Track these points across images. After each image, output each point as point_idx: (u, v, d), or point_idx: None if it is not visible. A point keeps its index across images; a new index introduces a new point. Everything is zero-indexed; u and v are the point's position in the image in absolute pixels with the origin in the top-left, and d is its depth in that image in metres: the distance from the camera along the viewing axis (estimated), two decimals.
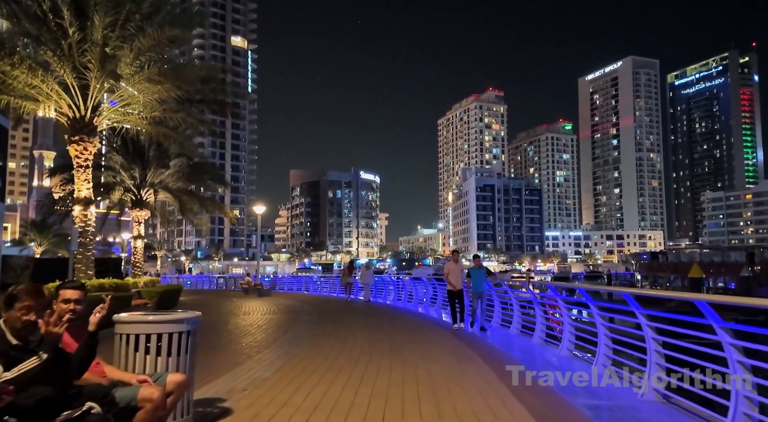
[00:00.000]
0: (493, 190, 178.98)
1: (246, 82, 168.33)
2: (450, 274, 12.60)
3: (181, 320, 4.38)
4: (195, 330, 4.55)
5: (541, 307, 10.03)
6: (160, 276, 47.40)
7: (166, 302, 18.77)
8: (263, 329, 12.74)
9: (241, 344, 10.13)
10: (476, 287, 12.22)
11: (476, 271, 12.38)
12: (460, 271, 12.73)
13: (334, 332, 11.84)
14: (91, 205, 15.54)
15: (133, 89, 15.38)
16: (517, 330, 11.43)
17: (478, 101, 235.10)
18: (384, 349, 9.19)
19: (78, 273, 15.30)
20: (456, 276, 12.54)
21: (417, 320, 15.24)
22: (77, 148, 15.27)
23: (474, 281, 12.24)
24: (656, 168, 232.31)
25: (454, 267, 12.77)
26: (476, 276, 12.24)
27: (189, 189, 29.31)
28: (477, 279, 12.21)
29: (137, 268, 28.55)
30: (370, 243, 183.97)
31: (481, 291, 12.23)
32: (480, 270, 12.46)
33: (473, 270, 12.49)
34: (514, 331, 11.49)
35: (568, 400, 5.53)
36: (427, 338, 10.90)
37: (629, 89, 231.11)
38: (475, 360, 8.07)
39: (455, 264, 12.87)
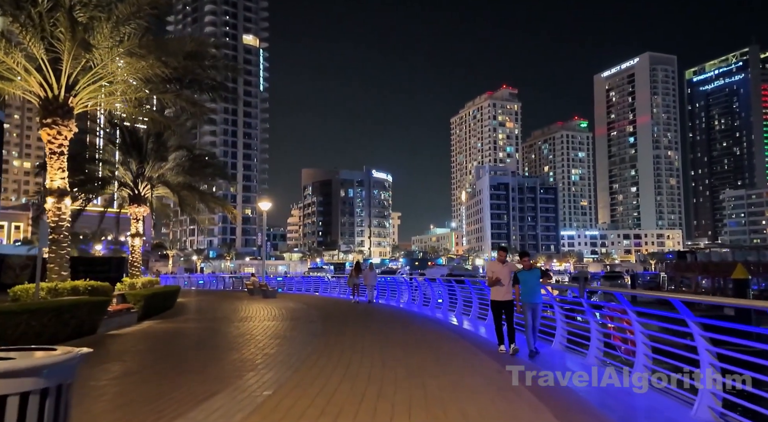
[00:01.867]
0: (507, 188, 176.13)
1: (258, 80, 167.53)
2: (495, 278, 9.15)
3: (34, 369, 2.36)
4: (68, 384, 2.54)
5: (594, 316, 7.99)
6: (160, 275, 45.73)
7: (157, 306, 16.92)
8: (256, 341, 10.80)
9: (222, 364, 8.18)
10: (528, 296, 9.03)
11: (527, 275, 9.16)
12: (510, 274, 9.18)
13: (338, 346, 9.85)
14: (66, 197, 13.70)
15: (112, 65, 13.50)
16: (561, 345, 9.34)
17: (492, 99, 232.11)
18: (399, 375, 7.17)
19: (50, 274, 13.49)
20: (505, 281, 9.13)
21: (436, 330, 13.19)
22: (50, 132, 13.45)
23: (525, 288, 9.05)
24: (674, 166, 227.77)
25: (501, 268, 9.22)
26: (528, 281, 9.09)
27: (189, 184, 27.52)
28: (529, 285, 9.08)
29: (135, 268, 26.86)
30: (382, 242, 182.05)
31: (535, 302, 9.06)
32: (532, 273, 9.22)
33: (523, 273, 9.20)
34: (557, 347, 9.42)
35: None
36: (454, 357, 8.80)
37: (646, 86, 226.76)
38: (527, 398, 5.96)
39: (502, 265, 9.28)
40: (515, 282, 9.10)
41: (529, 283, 9.08)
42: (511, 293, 9.13)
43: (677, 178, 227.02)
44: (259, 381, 6.78)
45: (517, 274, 9.16)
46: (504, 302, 9.13)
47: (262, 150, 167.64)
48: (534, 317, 9.01)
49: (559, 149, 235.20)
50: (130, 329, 13.26)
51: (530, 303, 9.03)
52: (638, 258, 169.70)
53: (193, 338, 11.72)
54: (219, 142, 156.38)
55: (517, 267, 9.27)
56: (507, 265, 9.33)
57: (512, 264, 9.46)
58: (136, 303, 15.05)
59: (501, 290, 9.10)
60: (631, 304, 6.61)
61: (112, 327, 13.14)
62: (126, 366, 8.04)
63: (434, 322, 15.10)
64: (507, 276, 9.15)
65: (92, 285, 13.32)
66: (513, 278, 9.11)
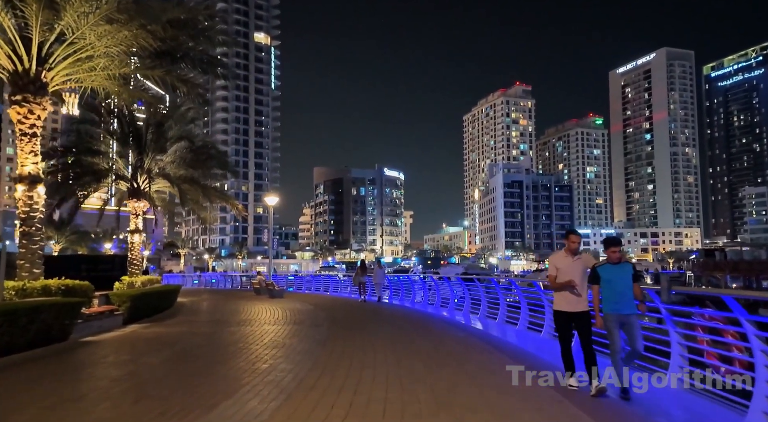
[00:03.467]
0: (521, 186, 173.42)
1: (269, 78, 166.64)
2: (560, 275, 6.24)
3: None
4: None
5: (683, 328, 6.11)
6: (163, 275, 44.26)
7: (149, 307, 15.27)
8: (249, 351, 9.07)
9: (200, 385, 6.46)
10: (617, 303, 5.86)
11: (616, 272, 5.96)
12: (584, 272, 6.23)
13: (345, 359, 8.08)
14: (39, 185, 12.08)
15: (90, 35, 11.86)
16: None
17: (505, 96, 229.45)
18: (423, 404, 5.36)
19: (20, 272, 11.88)
20: (577, 281, 6.17)
21: (459, 336, 11.37)
22: (20, 111, 11.83)
23: (611, 291, 5.92)
24: (692, 163, 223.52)
25: (571, 263, 6.27)
26: (616, 281, 5.92)
27: (191, 177, 25.92)
28: (618, 287, 5.90)
29: (134, 266, 25.35)
30: (394, 241, 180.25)
31: (627, 314, 5.84)
32: (622, 270, 5.96)
33: (609, 269, 6.02)
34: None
35: None
36: (491, 376, 6.93)
37: (663, 82, 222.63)
38: None
39: (573, 258, 6.31)
40: (593, 282, 6.06)
41: (618, 284, 5.90)
42: (587, 299, 6.19)
43: (695, 175, 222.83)
44: (236, 415, 5.04)
45: (597, 270, 6.04)
46: (575, 314, 6.14)
47: (273, 148, 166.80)
48: (630, 333, 5.86)
49: (574, 146, 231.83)
50: (110, 335, 11.61)
51: (619, 315, 5.85)
52: (655, 257, 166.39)
53: (178, 347, 10.03)
54: (231, 140, 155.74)
55: (593, 261, 6.32)
56: (580, 259, 6.32)
57: (587, 257, 6.54)
58: (121, 305, 13.41)
59: (571, 295, 6.17)
60: (745, 311, 4.76)
61: (89, 333, 11.51)
62: (73, 389, 6.35)
63: (455, 326, 13.31)
64: (580, 274, 6.20)
65: (67, 285, 11.69)
66: (590, 276, 6.11)
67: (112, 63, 12.84)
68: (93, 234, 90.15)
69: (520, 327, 11.95)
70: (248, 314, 16.75)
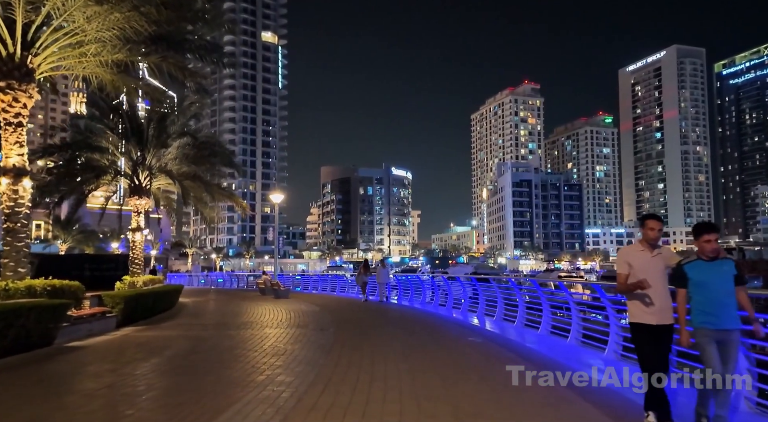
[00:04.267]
0: (530, 185, 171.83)
1: (276, 78, 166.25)
2: (634, 274, 4.67)
3: None
4: None
5: None
6: (168, 274, 43.54)
7: (145, 308, 14.44)
8: (245, 360, 8.20)
9: (183, 404, 5.58)
10: (716, 315, 4.33)
11: (711, 271, 4.43)
12: (666, 271, 4.72)
13: (352, 371, 7.17)
14: (24, 178, 11.26)
15: (79, 17, 11.03)
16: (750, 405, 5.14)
17: (514, 94, 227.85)
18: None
19: (5, 271, 11.07)
20: (657, 283, 4.60)
21: (477, 343, 10.44)
22: (4, 99, 11.04)
23: (704, 296, 4.41)
24: (703, 161, 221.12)
25: (648, 259, 4.69)
26: (712, 283, 4.41)
27: (194, 174, 25.12)
28: (715, 291, 4.39)
29: (136, 265, 24.55)
30: (402, 240, 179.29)
31: (729, 329, 4.34)
32: (721, 269, 4.43)
33: (700, 266, 4.48)
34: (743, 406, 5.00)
35: None
36: (524, 392, 5.85)
37: (673, 80, 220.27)
38: None
39: (651, 254, 4.72)
40: (679, 285, 4.53)
41: (716, 289, 4.38)
42: (672, 309, 4.63)
43: (706, 174, 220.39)
44: None
45: (685, 269, 4.49)
46: (658, 328, 4.53)
47: (281, 147, 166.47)
48: (729, 355, 4.29)
49: (583, 145, 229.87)
50: (100, 339, 10.79)
51: (716, 331, 4.32)
52: None
53: (169, 353, 9.18)
54: (238, 140, 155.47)
55: (676, 257, 4.75)
56: (660, 254, 4.71)
57: (669, 252, 4.85)
58: (114, 306, 12.57)
59: (649, 302, 4.56)
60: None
61: (77, 337, 10.68)
62: (32, 408, 5.48)
63: (469, 330, 12.39)
64: (660, 275, 4.66)
65: (53, 285, 10.87)
66: (674, 277, 4.60)
67: (104, 49, 12.02)
68: (101, 234, 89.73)
69: (543, 331, 11.04)
70: (250, 316, 15.93)
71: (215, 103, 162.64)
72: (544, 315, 11.25)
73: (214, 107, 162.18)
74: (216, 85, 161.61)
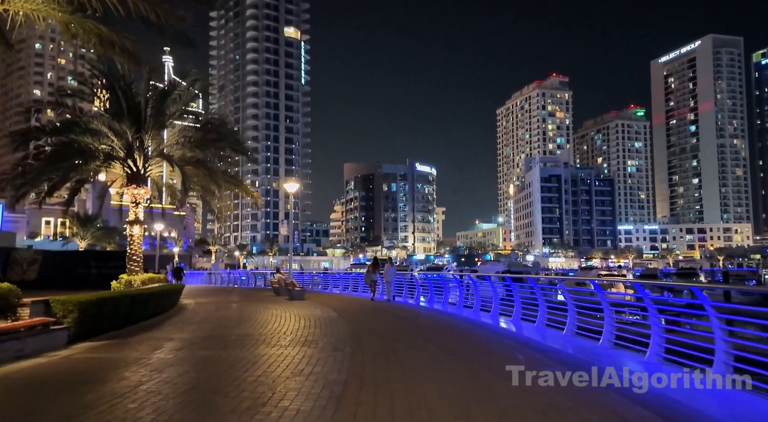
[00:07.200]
0: (559, 180, 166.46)
1: (299, 73, 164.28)
2: None
3: None
4: None
5: None
6: (185, 272, 40.81)
7: (115, 317, 11.51)
8: (231, 397, 5.12)
9: None
10: None
11: None
12: None
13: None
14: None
15: None
16: None
17: (541, 88, 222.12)
18: None
19: None
20: None
21: (534, 361, 7.18)
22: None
23: None
24: (740, 155, 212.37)
25: None
26: None
27: (197, 158, 22.23)
28: None
29: (134, 262, 21.66)
30: (426, 238, 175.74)
31: None
32: None
33: None
34: None
35: None
36: None
37: (709, 71, 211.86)
38: None
39: None
40: None
41: None
42: None
43: (744, 167, 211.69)
44: None
45: None
46: None
47: (304, 144, 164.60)
48: None
49: (614, 139, 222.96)
50: (24, 364, 7.81)
51: None
52: (703, 254, 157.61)
53: (94, 395, 6.11)
54: (261, 136, 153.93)
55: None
56: None
57: None
58: (66, 315, 9.64)
59: None
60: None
61: (2, 358, 7.76)
62: None
63: (511, 341, 9.17)
64: None
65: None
66: None
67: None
68: (123, 231, 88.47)
69: (604, 342, 8.05)
70: (251, 325, 12.91)
71: (238, 100, 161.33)
72: (606, 322, 8.27)
73: (237, 104, 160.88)
74: (239, 82, 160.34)
